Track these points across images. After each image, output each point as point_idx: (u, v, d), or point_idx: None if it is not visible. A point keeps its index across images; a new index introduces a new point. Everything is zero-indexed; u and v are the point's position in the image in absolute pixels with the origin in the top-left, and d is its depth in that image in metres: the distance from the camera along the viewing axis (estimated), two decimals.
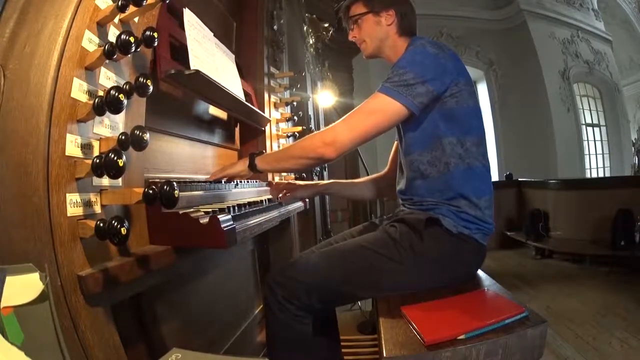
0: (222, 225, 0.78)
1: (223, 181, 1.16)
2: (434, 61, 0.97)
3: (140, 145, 0.65)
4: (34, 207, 0.57)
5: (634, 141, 7.36)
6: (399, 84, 0.95)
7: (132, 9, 0.70)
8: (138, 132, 0.64)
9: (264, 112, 1.67)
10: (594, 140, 7.93)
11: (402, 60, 0.99)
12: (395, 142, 1.32)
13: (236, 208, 0.94)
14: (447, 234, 0.97)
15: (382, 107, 0.96)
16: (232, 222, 0.82)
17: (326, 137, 0.97)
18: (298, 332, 0.96)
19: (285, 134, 1.91)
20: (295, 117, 2.02)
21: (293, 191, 1.36)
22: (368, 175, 1.49)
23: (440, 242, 0.97)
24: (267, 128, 1.72)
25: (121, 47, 0.65)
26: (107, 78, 0.72)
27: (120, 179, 0.70)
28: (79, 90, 0.64)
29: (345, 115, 1.01)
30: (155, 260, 0.77)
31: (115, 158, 0.61)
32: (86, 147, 0.65)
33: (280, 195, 1.34)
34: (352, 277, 0.97)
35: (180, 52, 1.07)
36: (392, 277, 0.97)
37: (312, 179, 2.48)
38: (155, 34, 0.70)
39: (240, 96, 1.34)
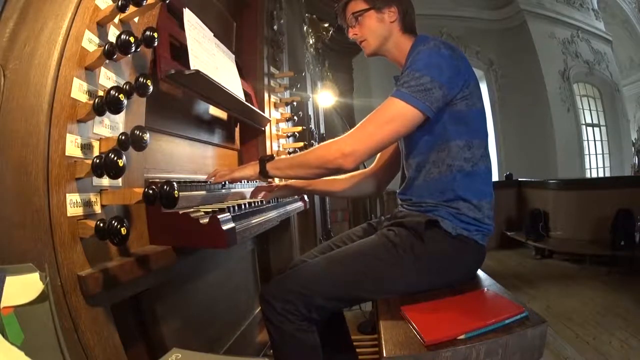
0: (222, 225, 0.78)
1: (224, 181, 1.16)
2: (449, 63, 0.95)
3: (140, 145, 0.65)
4: (34, 207, 0.57)
5: (634, 141, 7.36)
6: (416, 89, 0.92)
7: (132, 9, 0.70)
8: (138, 132, 0.64)
9: (264, 112, 1.67)
10: (594, 140, 7.92)
11: (418, 62, 0.95)
12: None
13: (236, 208, 0.94)
14: (447, 235, 0.97)
15: (399, 114, 0.93)
16: (232, 222, 0.82)
17: (344, 148, 0.94)
18: (308, 343, 0.93)
19: (285, 134, 1.91)
20: (295, 117, 2.02)
21: (273, 191, 1.31)
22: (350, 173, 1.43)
23: (440, 244, 0.96)
24: (267, 128, 1.72)
25: (121, 47, 0.65)
26: (107, 78, 0.72)
27: (120, 179, 0.70)
28: (79, 90, 0.64)
29: (361, 122, 0.97)
30: (155, 260, 0.77)
31: (115, 158, 0.61)
32: (86, 147, 0.65)
33: (261, 195, 1.31)
34: (352, 284, 0.96)
35: (180, 52, 1.07)
36: (393, 280, 0.96)
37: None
38: (155, 34, 0.70)
39: (240, 96, 1.34)
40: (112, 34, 0.73)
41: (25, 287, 0.49)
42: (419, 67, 0.94)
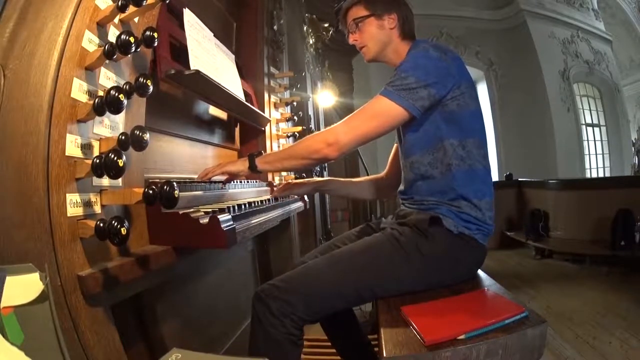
0: (222, 225, 0.78)
1: (223, 181, 1.16)
2: (436, 65, 0.97)
3: (140, 145, 0.65)
4: (34, 207, 0.57)
5: (634, 141, 7.36)
6: (401, 88, 0.96)
7: (132, 9, 0.70)
8: (138, 132, 0.64)
9: (264, 112, 1.67)
10: (594, 140, 7.93)
11: (405, 64, 1.00)
12: (395, 145, 1.32)
13: (236, 208, 0.94)
14: (448, 233, 0.97)
15: (384, 110, 0.98)
16: (232, 222, 0.82)
17: (329, 138, 0.99)
18: (292, 356, 0.89)
19: (285, 134, 1.91)
20: (295, 117, 2.02)
21: (292, 189, 1.36)
22: (368, 175, 1.49)
23: (441, 241, 0.97)
24: (267, 128, 1.72)
25: (121, 47, 0.65)
26: (107, 78, 0.72)
27: (120, 179, 0.70)
28: (79, 90, 0.64)
29: (348, 116, 1.01)
30: (155, 260, 0.77)
31: (115, 158, 0.61)
32: (86, 147, 0.65)
33: (277, 191, 1.34)
34: (356, 282, 0.95)
35: (180, 52, 1.07)
36: (396, 278, 0.96)
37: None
38: (155, 34, 0.70)
39: (240, 96, 1.34)
40: (112, 34, 0.73)
41: (25, 287, 0.49)
42: (405, 69, 0.98)
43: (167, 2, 0.78)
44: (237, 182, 1.27)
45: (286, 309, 0.88)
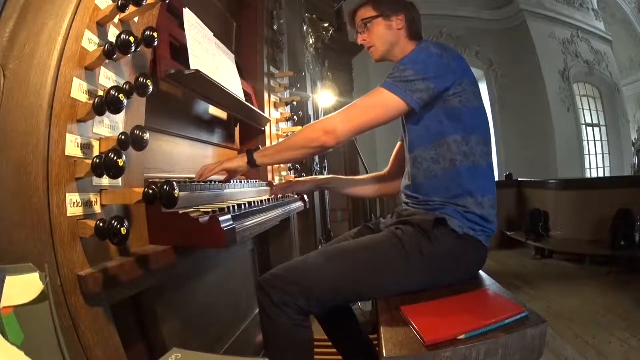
0: (222, 225, 0.78)
1: (223, 181, 1.16)
2: (436, 60, 0.99)
3: (140, 145, 0.65)
4: (34, 207, 0.57)
5: (634, 141, 7.37)
6: (399, 80, 0.98)
7: (132, 9, 0.70)
8: (138, 132, 0.64)
9: (264, 112, 1.67)
10: (594, 140, 7.93)
11: (404, 59, 1.02)
12: (399, 143, 1.32)
13: (236, 208, 0.94)
14: (453, 234, 0.97)
15: (381, 101, 1.00)
16: (232, 222, 0.82)
17: (327, 126, 1.01)
18: (302, 338, 0.92)
19: (285, 134, 1.91)
20: (295, 117, 2.02)
21: (293, 186, 1.37)
22: (368, 174, 1.49)
23: (446, 242, 0.97)
24: (267, 128, 1.72)
25: (121, 47, 0.65)
26: (107, 78, 0.72)
27: (120, 179, 0.70)
28: (79, 90, 0.64)
29: (346, 106, 1.03)
30: (155, 260, 0.77)
31: (115, 158, 0.61)
32: (86, 147, 0.65)
33: (279, 191, 1.35)
34: (354, 278, 0.95)
35: (180, 52, 1.07)
36: (396, 277, 0.96)
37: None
38: (155, 34, 0.70)
39: (240, 96, 1.34)
40: (112, 34, 0.73)
41: (25, 287, 0.49)
42: (404, 63, 1.01)
43: (167, 2, 0.78)
44: (237, 181, 1.27)
45: (286, 299, 0.90)
